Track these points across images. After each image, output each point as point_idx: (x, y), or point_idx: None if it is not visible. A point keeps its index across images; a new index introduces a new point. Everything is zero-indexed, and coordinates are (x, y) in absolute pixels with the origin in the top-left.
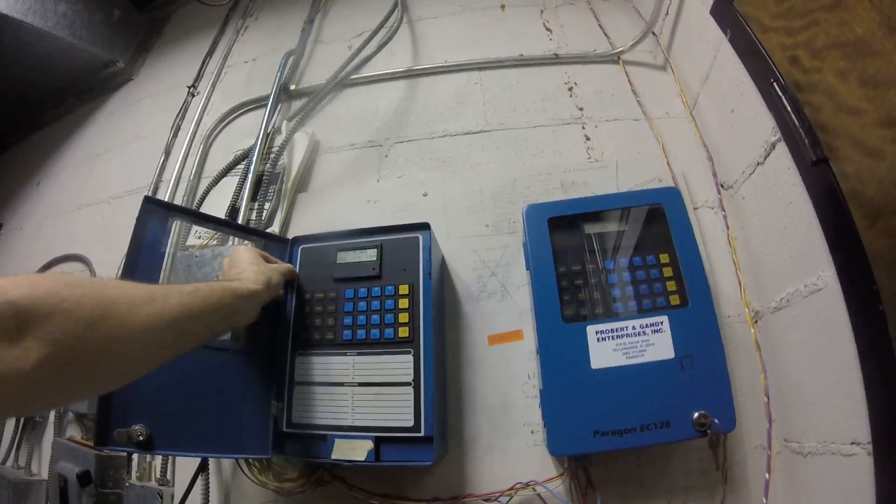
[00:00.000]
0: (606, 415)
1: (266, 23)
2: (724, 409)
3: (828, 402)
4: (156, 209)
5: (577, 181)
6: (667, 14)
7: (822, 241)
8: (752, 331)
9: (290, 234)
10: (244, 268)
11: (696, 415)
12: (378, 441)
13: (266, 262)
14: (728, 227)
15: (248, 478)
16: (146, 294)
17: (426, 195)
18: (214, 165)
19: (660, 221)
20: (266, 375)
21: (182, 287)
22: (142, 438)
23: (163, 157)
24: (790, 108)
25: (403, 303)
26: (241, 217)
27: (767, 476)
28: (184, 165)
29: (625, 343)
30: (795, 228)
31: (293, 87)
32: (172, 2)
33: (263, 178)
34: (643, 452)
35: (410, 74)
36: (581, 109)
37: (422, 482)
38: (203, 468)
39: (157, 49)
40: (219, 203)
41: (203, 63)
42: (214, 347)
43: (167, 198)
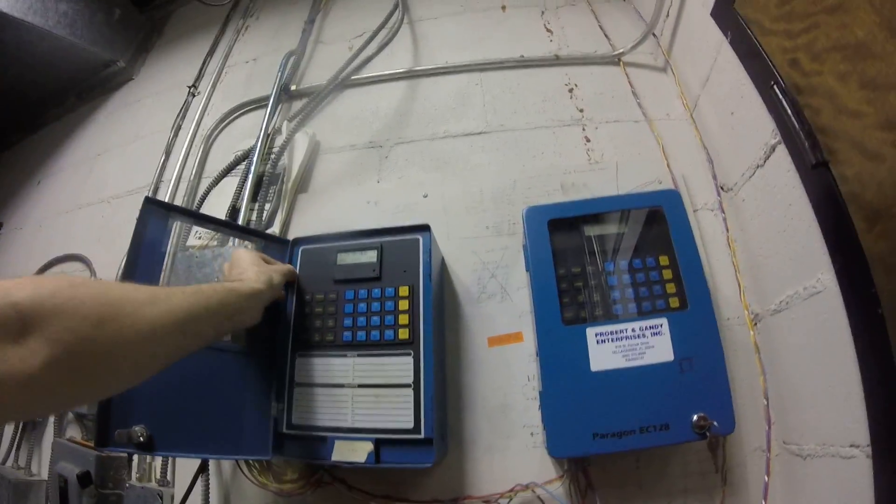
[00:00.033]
0: (606, 417)
1: (267, 23)
2: (724, 412)
3: (827, 405)
4: (156, 210)
5: (577, 183)
6: (667, 16)
7: (822, 244)
8: (752, 333)
9: (291, 235)
10: (245, 268)
11: (696, 417)
12: (378, 443)
13: (266, 264)
14: (728, 230)
15: (248, 479)
16: (150, 295)
17: (426, 196)
18: (215, 166)
19: (659, 224)
20: (266, 376)
21: (185, 288)
22: (142, 439)
23: (163, 157)
24: (790, 111)
25: (403, 304)
26: (242, 218)
27: (767, 478)
28: (184, 165)
29: (624, 345)
30: (795, 231)
31: (294, 88)
32: (173, 1)
33: (264, 179)
34: (642, 454)
35: (411, 75)
36: (581, 111)
37: (421, 483)
38: (203, 469)
39: (158, 48)
40: (219, 203)
41: (204, 63)
42: (215, 348)
43: (167, 198)
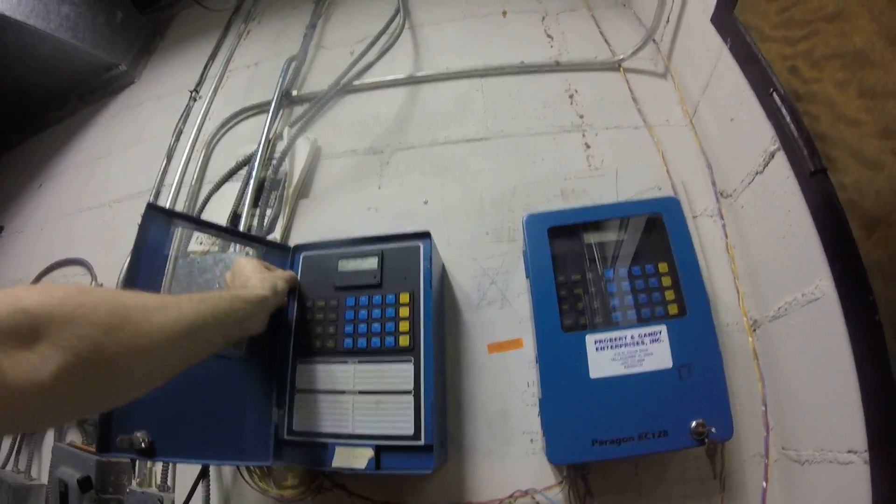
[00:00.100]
0: (605, 424)
1: (268, 27)
2: (722, 418)
3: (825, 411)
4: (159, 216)
5: (577, 189)
6: (667, 21)
7: (820, 251)
8: (750, 339)
9: (292, 241)
10: (249, 276)
11: (694, 424)
12: (378, 449)
13: (268, 271)
14: (727, 236)
15: (249, 484)
16: (159, 302)
17: (427, 202)
18: (216, 170)
19: (659, 231)
20: (267, 383)
21: (192, 295)
22: (144, 445)
23: (165, 162)
24: (789, 118)
25: (404, 311)
26: (243, 224)
27: (765, 484)
28: (185, 170)
29: (623, 352)
30: (794, 237)
31: (295, 93)
32: (175, 4)
33: (265, 185)
34: (641, 461)
35: (412, 81)
36: (581, 117)
37: (421, 490)
38: (204, 475)
39: (160, 52)
40: (220, 208)
41: (205, 67)
42: (216, 354)
43: (169, 202)
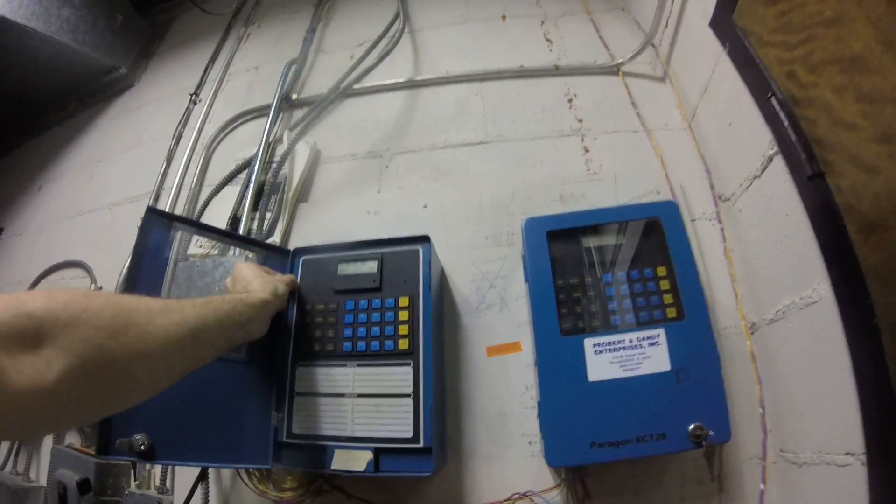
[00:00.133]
0: (603, 426)
1: (268, 31)
2: (720, 421)
3: (822, 413)
4: (159, 220)
5: (576, 193)
6: (666, 26)
7: (818, 255)
8: (748, 342)
9: (291, 244)
10: (250, 280)
11: (692, 427)
12: (377, 452)
13: (268, 275)
14: (725, 240)
15: (248, 487)
16: (162, 305)
17: (426, 206)
18: (216, 174)
19: (657, 235)
20: (266, 385)
21: (195, 299)
22: (143, 447)
23: (164, 165)
24: (787, 123)
25: (403, 315)
26: (243, 227)
27: (762, 486)
28: (185, 173)
29: (621, 356)
30: (791, 241)
31: (295, 97)
32: (175, 8)
33: (265, 188)
34: (639, 463)
35: (411, 85)
36: (580, 121)
37: (420, 492)
38: (203, 477)
39: (160, 55)
40: (220, 212)
41: (205, 70)
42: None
43: (168, 206)
